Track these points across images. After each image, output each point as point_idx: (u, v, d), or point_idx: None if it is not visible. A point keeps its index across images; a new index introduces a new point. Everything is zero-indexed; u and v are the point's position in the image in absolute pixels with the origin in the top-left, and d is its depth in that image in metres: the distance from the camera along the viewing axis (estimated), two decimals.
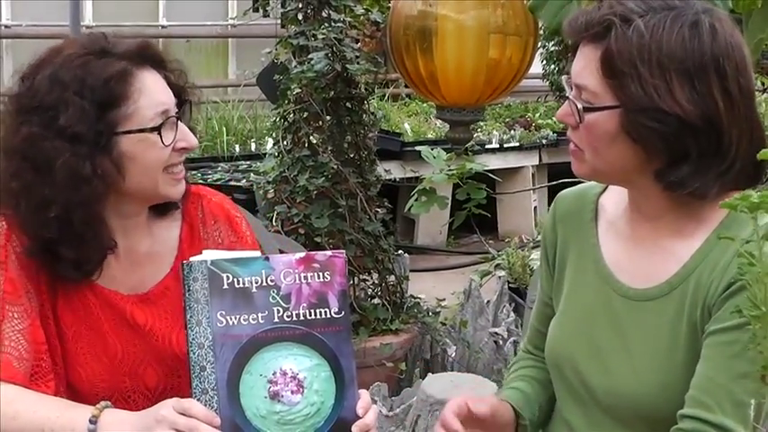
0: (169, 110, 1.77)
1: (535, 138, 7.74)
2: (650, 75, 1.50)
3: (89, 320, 1.79)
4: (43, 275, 1.77)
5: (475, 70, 3.49)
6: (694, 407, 1.52)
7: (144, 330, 1.81)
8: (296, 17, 4.41)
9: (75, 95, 1.70)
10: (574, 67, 1.60)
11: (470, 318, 4.52)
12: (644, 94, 1.51)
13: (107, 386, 1.77)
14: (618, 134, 1.55)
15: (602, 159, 1.59)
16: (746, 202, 1.08)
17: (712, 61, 1.52)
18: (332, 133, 4.31)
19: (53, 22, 7.14)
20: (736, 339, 1.48)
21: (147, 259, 1.85)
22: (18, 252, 1.75)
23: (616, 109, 1.54)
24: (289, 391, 1.56)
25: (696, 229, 1.61)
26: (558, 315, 1.78)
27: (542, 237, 1.87)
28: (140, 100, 1.73)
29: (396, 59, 3.71)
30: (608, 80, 1.54)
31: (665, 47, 1.51)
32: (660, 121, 1.51)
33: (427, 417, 3.20)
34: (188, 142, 1.79)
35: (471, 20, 3.46)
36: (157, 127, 1.74)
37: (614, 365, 1.65)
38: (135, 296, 1.83)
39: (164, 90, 1.78)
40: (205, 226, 1.93)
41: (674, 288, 1.60)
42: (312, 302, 1.59)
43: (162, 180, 1.77)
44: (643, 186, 1.61)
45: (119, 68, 1.73)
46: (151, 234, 1.88)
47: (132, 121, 1.73)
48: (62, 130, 1.69)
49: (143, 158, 1.74)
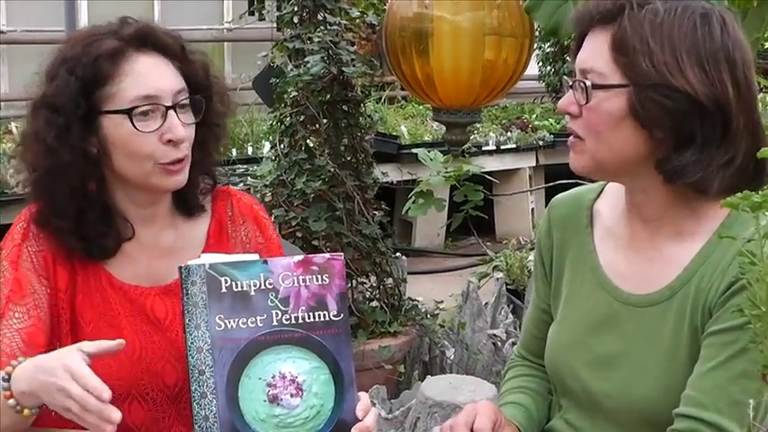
0: (159, 97, 1.72)
1: (532, 139, 7.74)
2: (662, 52, 1.51)
3: (108, 316, 1.79)
4: (62, 271, 1.77)
5: (471, 72, 3.49)
6: (690, 405, 1.52)
7: (164, 325, 1.81)
8: (291, 20, 4.41)
9: (66, 70, 1.72)
10: (580, 55, 1.60)
11: (469, 320, 4.51)
12: (654, 71, 1.51)
13: (124, 383, 1.76)
14: (624, 116, 1.54)
15: (604, 146, 1.58)
16: (748, 201, 1.07)
17: (723, 50, 1.53)
18: (329, 136, 4.31)
19: (49, 28, 7.14)
20: (735, 339, 1.48)
21: (171, 253, 1.84)
22: (33, 252, 1.77)
23: (624, 88, 1.53)
24: (288, 394, 1.55)
25: (696, 231, 1.60)
26: (556, 322, 1.77)
27: (537, 242, 1.85)
28: (125, 81, 1.71)
29: (392, 62, 3.71)
30: (618, 57, 1.53)
31: (678, 28, 1.52)
32: (670, 98, 1.50)
33: (426, 419, 3.19)
34: (174, 135, 1.73)
35: (467, 21, 3.46)
36: (128, 110, 1.70)
37: (616, 371, 1.64)
38: (157, 288, 1.83)
39: (160, 77, 1.74)
40: (234, 224, 1.92)
41: (676, 292, 1.59)
42: (311, 305, 1.59)
43: (152, 170, 1.75)
44: (643, 180, 1.60)
45: (110, 47, 1.72)
46: (176, 228, 1.87)
47: (113, 101, 1.72)
48: (46, 100, 1.73)
49: (124, 144, 1.73)
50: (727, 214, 1.58)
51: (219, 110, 1.86)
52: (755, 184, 1.55)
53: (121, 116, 1.71)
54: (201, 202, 1.90)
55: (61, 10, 4.72)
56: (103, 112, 1.72)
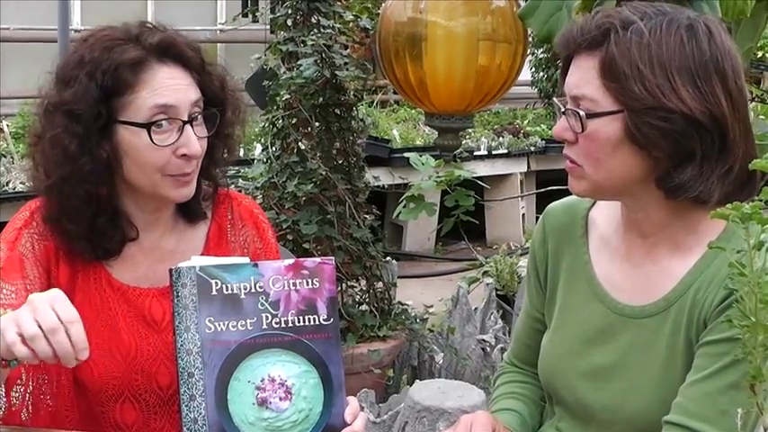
0: (176, 109, 1.71)
1: (523, 145, 7.75)
2: (653, 74, 1.49)
3: (105, 316, 1.79)
4: (64, 267, 1.77)
5: (464, 77, 3.49)
6: (678, 413, 1.52)
7: (160, 326, 1.81)
8: (285, 23, 4.41)
9: (86, 75, 1.70)
10: (569, 80, 1.58)
11: (458, 325, 4.51)
12: (648, 94, 1.49)
13: (118, 383, 1.76)
14: (621, 140, 1.53)
15: (603, 171, 1.56)
16: (738, 213, 1.08)
17: (712, 61, 1.52)
18: (321, 139, 4.31)
19: (41, 26, 7.13)
20: (727, 351, 1.48)
21: (173, 256, 1.83)
22: (35, 239, 1.76)
23: (619, 114, 1.52)
24: (277, 397, 1.55)
25: (693, 245, 1.59)
26: (550, 332, 1.77)
27: (531, 251, 1.84)
28: (142, 92, 1.70)
29: (385, 66, 3.71)
30: (609, 84, 1.52)
31: (666, 47, 1.50)
32: (665, 120, 1.49)
33: (414, 423, 3.19)
34: (189, 150, 1.72)
35: (461, 27, 3.46)
36: (146, 124, 1.69)
37: (611, 383, 1.64)
38: (156, 289, 1.83)
39: (178, 89, 1.72)
40: (234, 228, 1.92)
41: (671, 304, 1.59)
42: (301, 309, 1.59)
43: (161, 182, 1.74)
44: (643, 198, 1.59)
45: (132, 56, 1.70)
46: (178, 232, 1.87)
47: (129, 111, 1.70)
48: (63, 105, 1.71)
49: (136, 154, 1.72)
50: (723, 228, 1.57)
51: (232, 121, 1.85)
52: (749, 188, 1.56)
53: (139, 128, 1.70)
54: (204, 208, 1.89)
55: (54, 8, 4.70)
56: (120, 121, 1.71)
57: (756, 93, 4.34)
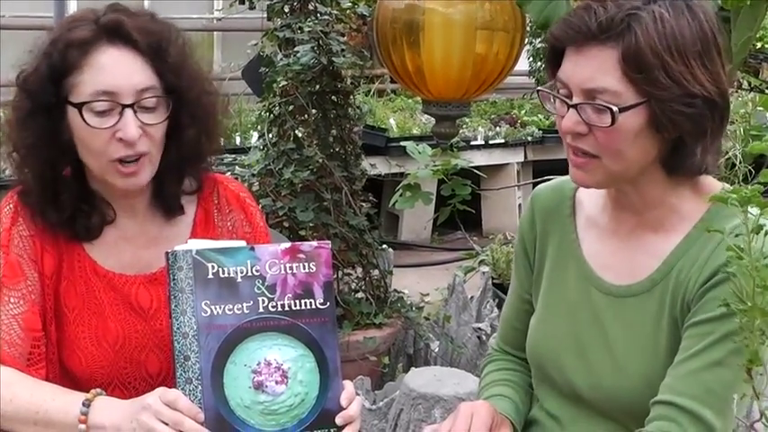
0: (116, 94, 1.68)
1: (520, 135, 7.74)
2: (673, 61, 1.50)
3: (92, 304, 1.78)
4: (49, 258, 1.77)
5: (462, 65, 3.48)
6: (665, 392, 1.54)
7: (148, 314, 1.80)
8: (282, 10, 4.39)
9: (43, 54, 1.72)
10: (578, 72, 1.55)
11: (454, 313, 4.52)
12: (672, 82, 1.50)
13: (106, 372, 1.76)
14: (642, 129, 1.54)
15: (623, 161, 1.56)
16: (738, 196, 1.07)
17: (712, 39, 1.54)
18: (317, 127, 4.31)
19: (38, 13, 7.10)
20: (712, 330, 1.50)
21: (158, 242, 1.83)
22: (24, 236, 1.76)
23: (644, 104, 1.52)
24: (273, 381, 1.55)
25: (676, 223, 1.62)
26: (538, 312, 1.78)
27: (520, 232, 1.85)
28: (87, 73, 1.69)
29: (382, 53, 3.69)
30: (632, 75, 1.51)
31: (678, 33, 1.52)
32: (689, 105, 1.51)
33: (410, 410, 3.19)
34: (125, 134, 1.68)
35: (459, 14, 3.44)
36: (80, 104, 1.68)
37: (598, 362, 1.65)
38: (142, 276, 1.82)
39: (122, 73, 1.69)
40: (220, 212, 1.91)
41: (656, 284, 1.61)
42: (297, 293, 1.59)
43: (107, 168, 1.73)
44: (645, 176, 1.60)
45: (81, 36, 1.70)
46: (159, 218, 1.86)
47: (76, 92, 1.70)
48: (20, 82, 1.74)
49: (82, 136, 1.71)
50: (707, 209, 1.59)
51: (202, 112, 1.80)
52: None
53: (73, 108, 1.70)
54: (182, 202, 1.87)
55: None
56: (68, 101, 1.71)
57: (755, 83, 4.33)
